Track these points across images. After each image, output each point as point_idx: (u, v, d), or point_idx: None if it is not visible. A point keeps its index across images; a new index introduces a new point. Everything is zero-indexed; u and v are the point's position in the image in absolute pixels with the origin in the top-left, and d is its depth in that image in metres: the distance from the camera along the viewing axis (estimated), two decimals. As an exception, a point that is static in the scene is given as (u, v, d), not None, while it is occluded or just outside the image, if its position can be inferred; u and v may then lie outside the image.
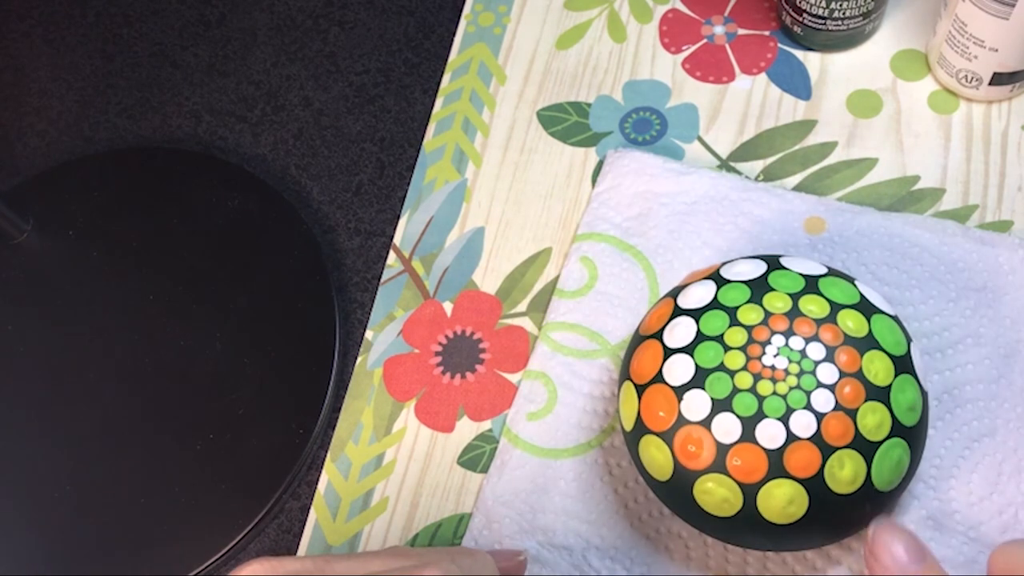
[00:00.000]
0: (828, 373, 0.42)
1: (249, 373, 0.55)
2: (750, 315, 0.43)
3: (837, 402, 0.41)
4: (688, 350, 0.43)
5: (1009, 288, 0.52)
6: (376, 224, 0.59)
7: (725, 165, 0.59)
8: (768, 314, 0.43)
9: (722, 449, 0.41)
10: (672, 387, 0.43)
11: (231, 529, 0.52)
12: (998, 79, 0.56)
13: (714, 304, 0.44)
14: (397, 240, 0.59)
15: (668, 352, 0.44)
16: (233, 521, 0.52)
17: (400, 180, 0.61)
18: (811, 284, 0.44)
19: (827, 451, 0.41)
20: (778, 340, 0.42)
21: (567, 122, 0.62)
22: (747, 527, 0.42)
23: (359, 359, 0.56)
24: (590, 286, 0.55)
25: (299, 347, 0.55)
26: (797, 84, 0.61)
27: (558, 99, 0.63)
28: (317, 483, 0.54)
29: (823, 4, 0.58)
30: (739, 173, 0.59)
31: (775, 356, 0.42)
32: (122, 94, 0.66)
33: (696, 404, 0.42)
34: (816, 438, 0.41)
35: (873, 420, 0.41)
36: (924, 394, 0.44)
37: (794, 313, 0.43)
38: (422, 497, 0.53)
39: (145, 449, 0.53)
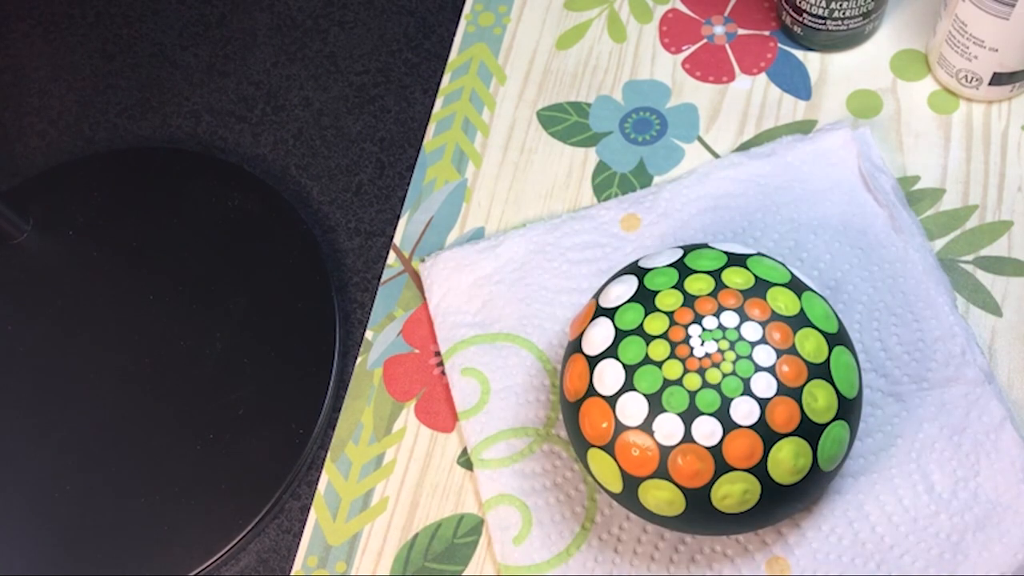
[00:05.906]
0: (765, 355, 0.39)
1: (249, 373, 0.55)
2: (668, 300, 0.42)
3: (780, 383, 0.39)
4: (611, 353, 0.42)
5: (810, 178, 0.55)
6: (376, 224, 0.59)
7: (725, 165, 0.59)
8: (688, 296, 0.41)
9: (664, 450, 0.40)
10: (605, 397, 0.42)
11: (231, 529, 0.52)
12: (998, 79, 0.56)
13: (637, 294, 0.43)
14: (397, 240, 0.59)
15: (592, 361, 0.42)
16: (233, 521, 0.52)
17: (400, 180, 0.61)
18: (735, 259, 0.43)
19: (771, 438, 0.39)
20: (709, 322, 0.40)
21: (567, 122, 0.62)
22: (700, 519, 0.42)
23: (359, 359, 0.56)
24: (487, 391, 0.53)
25: (299, 347, 0.55)
26: (797, 84, 0.61)
27: (558, 99, 0.63)
28: (317, 483, 0.54)
29: (823, 4, 0.58)
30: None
31: (702, 343, 0.40)
32: (122, 94, 0.66)
33: (631, 407, 0.41)
34: (759, 425, 0.39)
35: (823, 400, 0.40)
36: (857, 361, 0.43)
37: (719, 287, 0.41)
38: (422, 497, 0.53)
39: (145, 449, 0.53)
